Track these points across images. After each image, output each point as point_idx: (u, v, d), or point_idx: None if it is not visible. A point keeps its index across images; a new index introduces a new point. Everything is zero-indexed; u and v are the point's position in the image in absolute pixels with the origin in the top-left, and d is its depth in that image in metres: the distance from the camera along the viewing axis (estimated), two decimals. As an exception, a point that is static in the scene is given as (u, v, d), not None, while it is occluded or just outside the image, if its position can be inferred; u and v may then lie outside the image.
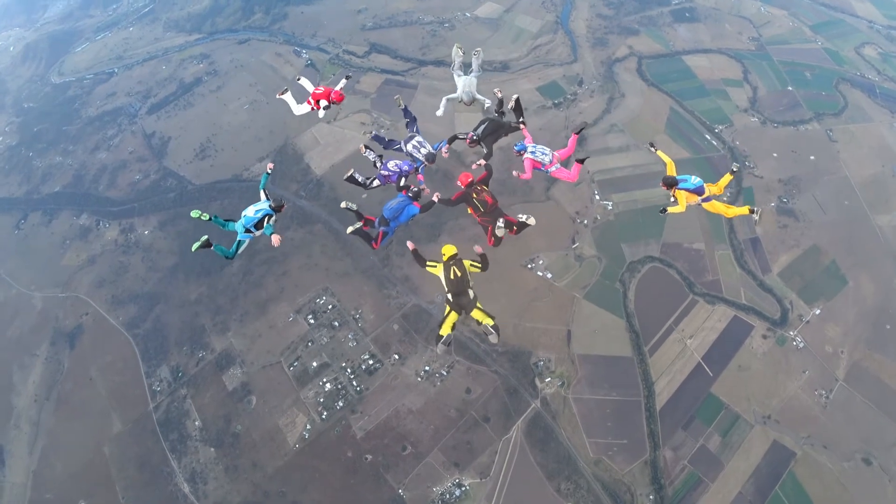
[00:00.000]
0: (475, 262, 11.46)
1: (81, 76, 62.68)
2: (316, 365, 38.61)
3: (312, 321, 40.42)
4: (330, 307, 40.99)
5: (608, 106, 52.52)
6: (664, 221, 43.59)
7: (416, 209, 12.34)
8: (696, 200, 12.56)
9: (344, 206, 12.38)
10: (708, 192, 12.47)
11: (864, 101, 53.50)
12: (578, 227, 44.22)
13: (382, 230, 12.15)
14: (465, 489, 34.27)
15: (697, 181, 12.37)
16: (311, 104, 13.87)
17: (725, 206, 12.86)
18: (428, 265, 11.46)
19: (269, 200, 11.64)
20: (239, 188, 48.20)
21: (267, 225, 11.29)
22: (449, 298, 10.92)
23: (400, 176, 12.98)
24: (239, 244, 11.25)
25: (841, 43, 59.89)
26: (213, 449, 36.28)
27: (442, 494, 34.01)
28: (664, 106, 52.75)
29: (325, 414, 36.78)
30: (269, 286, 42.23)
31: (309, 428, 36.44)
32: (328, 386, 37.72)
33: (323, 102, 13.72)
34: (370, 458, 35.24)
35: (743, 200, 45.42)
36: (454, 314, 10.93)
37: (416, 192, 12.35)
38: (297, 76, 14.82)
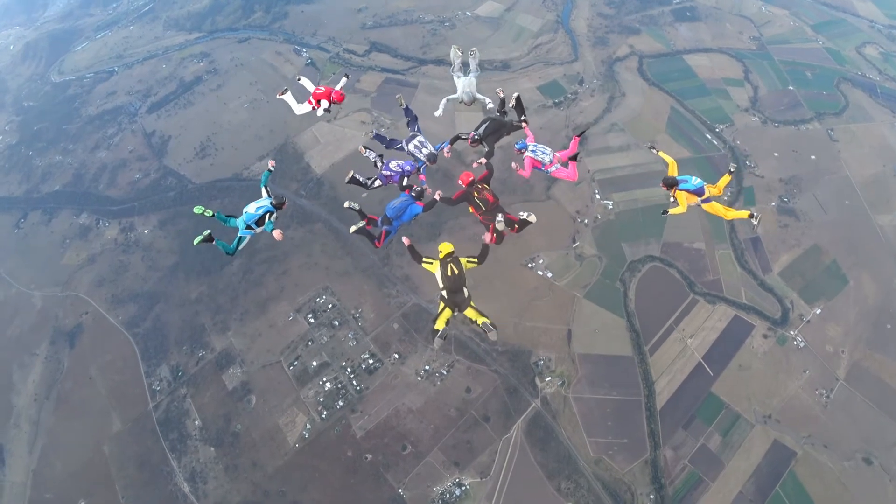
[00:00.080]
0: (471, 257, 11.49)
1: (81, 75, 62.66)
2: (316, 364, 38.59)
3: (312, 320, 40.40)
4: (330, 306, 40.96)
5: (609, 105, 52.51)
6: (664, 221, 43.56)
7: (419, 208, 12.36)
8: (696, 201, 12.50)
9: (347, 205, 12.42)
10: (708, 193, 12.42)
11: (865, 100, 53.45)
12: (579, 226, 44.19)
13: (385, 229, 12.16)
14: (465, 488, 34.26)
15: (698, 182, 12.28)
16: (311, 104, 13.81)
17: (724, 208, 12.80)
18: (424, 261, 11.48)
19: (270, 197, 11.70)
20: (239, 187, 48.15)
21: (268, 222, 11.36)
22: (444, 295, 10.98)
23: (402, 175, 12.96)
24: (240, 240, 11.37)
25: (842, 42, 59.83)
26: (212, 448, 36.28)
27: (442, 494, 34.01)
28: (665, 105, 52.70)
29: (324, 413, 36.77)
30: (269, 285, 42.20)
31: (309, 427, 36.43)
32: (328, 385, 37.72)
33: (324, 102, 13.66)
34: (370, 457, 35.23)
35: (744, 200, 45.43)
36: (448, 310, 10.96)
37: (419, 191, 12.35)
38: (297, 76, 14.75)
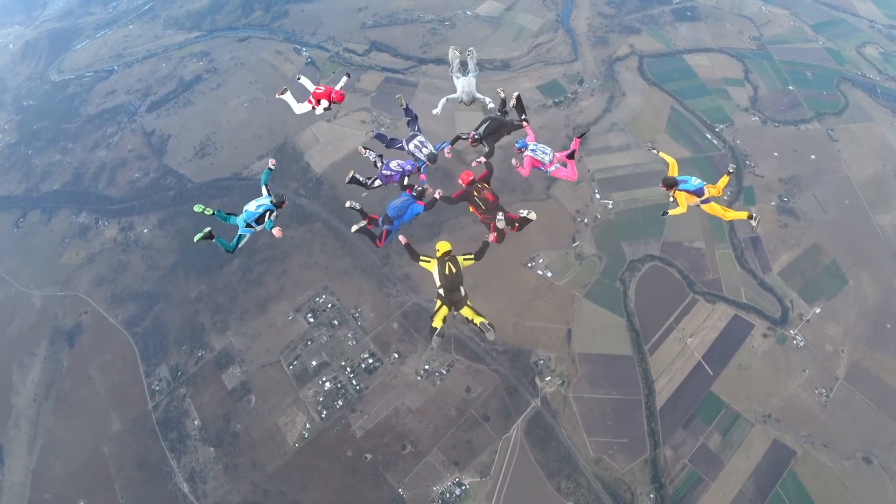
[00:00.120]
0: (468, 255, 11.60)
1: (81, 74, 62.55)
2: (315, 364, 38.55)
3: (312, 320, 40.35)
4: (329, 306, 40.92)
5: (609, 105, 52.48)
6: (664, 220, 43.49)
7: (420, 208, 12.40)
8: (695, 202, 12.50)
9: (349, 205, 12.49)
10: (707, 193, 12.41)
11: (865, 100, 53.43)
12: (579, 225, 44.17)
13: (386, 229, 12.21)
14: (465, 488, 34.24)
15: (698, 183, 12.26)
16: (311, 103, 13.81)
17: (724, 209, 12.82)
18: (422, 260, 11.58)
19: (270, 196, 11.77)
20: (238, 186, 48.08)
21: (268, 220, 11.46)
22: (441, 293, 11.09)
23: (402, 175, 12.98)
24: (240, 238, 11.50)
25: (842, 42, 59.81)
26: (212, 448, 36.23)
27: (442, 493, 33.99)
28: (665, 105, 52.67)
29: (324, 413, 36.73)
30: (268, 285, 42.15)
31: (308, 427, 36.39)
32: (328, 385, 37.68)
33: (324, 102, 13.67)
34: (370, 457, 35.20)
35: (744, 199, 45.44)
36: (445, 308, 11.08)
37: (420, 191, 12.38)
38: (297, 75, 14.74)
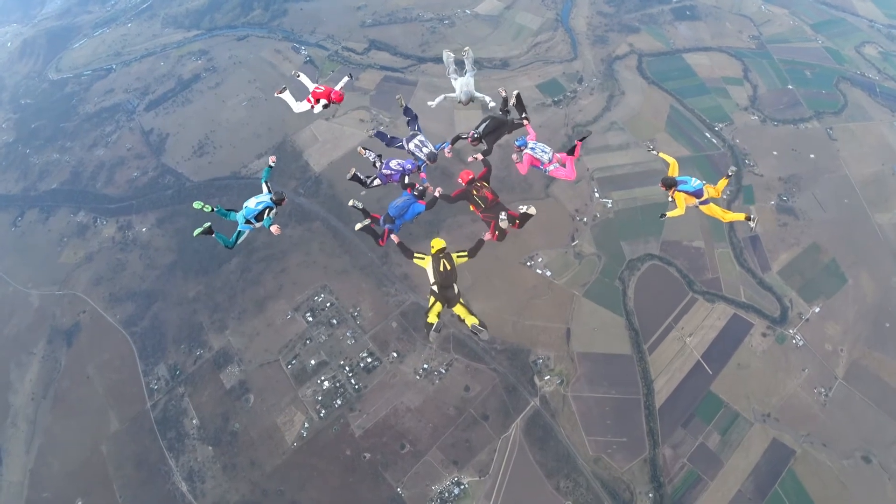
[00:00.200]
0: (461, 252, 11.69)
1: (79, 72, 62.38)
2: (314, 363, 38.49)
3: (311, 319, 40.28)
4: (328, 305, 40.85)
5: (608, 104, 52.42)
6: (663, 220, 43.46)
7: (421, 207, 12.44)
8: (694, 203, 12.45)
9: (351, 204, 12.58)
10: (706, 194, 12.36)
11: (864, 99, 53.38)
12: (578, 224, 44.12)
13: (388, 228, 12.25)
14: (463, 487, 34.20)
15: (697, 184, 12.19)
16: (310, 102, 13.77)
17: (722, 210, 12.83)
18: (416, 257, 11.65)
19: (270, 193, 11.80)
20: (237, 185, 47.97)
21: (267, 217, 11.51)
22: (434, 290, 11.17)
23: (402, 174, 12.99)
24: (239, 234, 11.57)
25: (841, 42, 59.77)
26: (210, 447, 36.17)
27: (441, 493, 33.94)
28: (664, 104, 52.62)
29: (323, 412, 36.67)
30: (267, 284, 42.05)
31: (307, 426, 36.33)
32: (326, 384, 37.62)
33: (323, 101, 13.63)
34: (368, 456, 35.15)
35: (743, 198, 45.42)
36: (439, 305, 11.15)
37: (421, 190, 12.40)
38: (295, 72, 14.66)
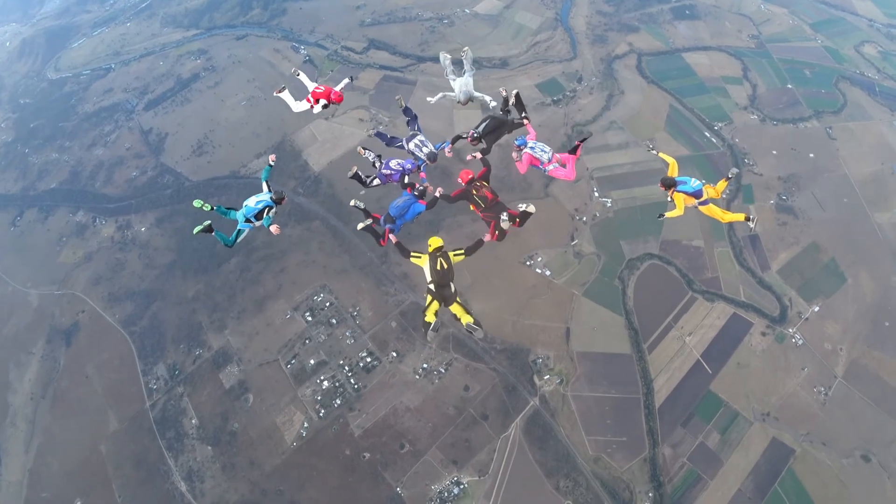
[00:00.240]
0: (458, 251, 11.73)
1: (78, 72, 62.30)
2: (313, 363, 38.44)
3: (310, 318, 40.24)
4: (328, 304, 40.80)
5: (608, 103, 52.39)
6: (662, 220, 43.47)
7: (421, 207, 12.45)
8: (693, 203, 12.39)
9: (353, 204, 12.55)
10: (706, 195, 12.30)
11: (863, 99, 53.38)
12: (577, 224, 44.10)
13: (389, 227, 12.27)
14: (463, 487, 34.17)
15: (697, 184, 12.12)
16: (310, 102, 13.74)
17: (722, 211, 12.77)
18: (412, 256, 11.70)
19: (270, 192, 11.82)
20: (236, 184, 47.91)
21: (266, 216, 11.53)
22: (431, 289, 11.27)
23: (402, 174, 12.97)
24: (239, 233, 11.59)
25: (841, 41, 59.77)
26: (209, 447, 36.12)
27: (440, 492, 33.91)
28: (664, 103, 52.60)
29: (322, 412, 36.63)
30: (266, 283, 42.00)
31: (306, 426, 36.30)
32: (326, 384, 37.58)
33: (322, 101, 13.61)
34: (368, 456, 35.12)
35: (742, 197, 45.41)
36: (436, 303, 11.26)
37: (421, 190, 12.39)
38: (295, 70, 14.64)
